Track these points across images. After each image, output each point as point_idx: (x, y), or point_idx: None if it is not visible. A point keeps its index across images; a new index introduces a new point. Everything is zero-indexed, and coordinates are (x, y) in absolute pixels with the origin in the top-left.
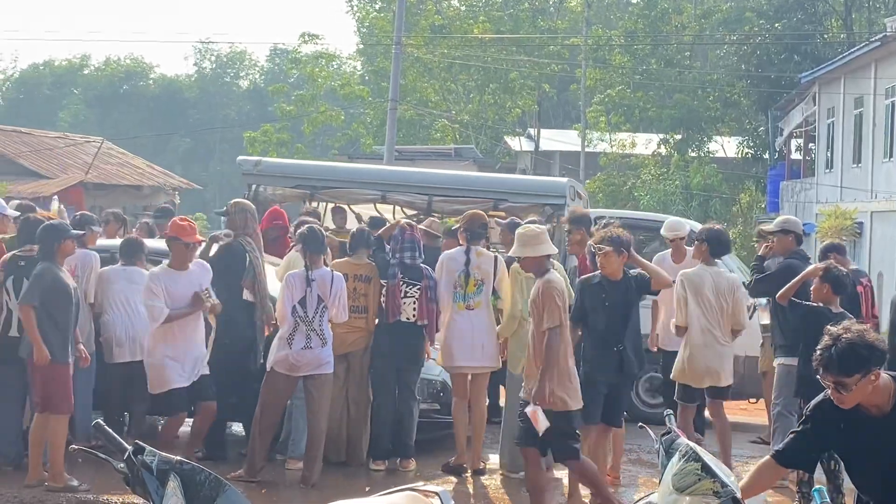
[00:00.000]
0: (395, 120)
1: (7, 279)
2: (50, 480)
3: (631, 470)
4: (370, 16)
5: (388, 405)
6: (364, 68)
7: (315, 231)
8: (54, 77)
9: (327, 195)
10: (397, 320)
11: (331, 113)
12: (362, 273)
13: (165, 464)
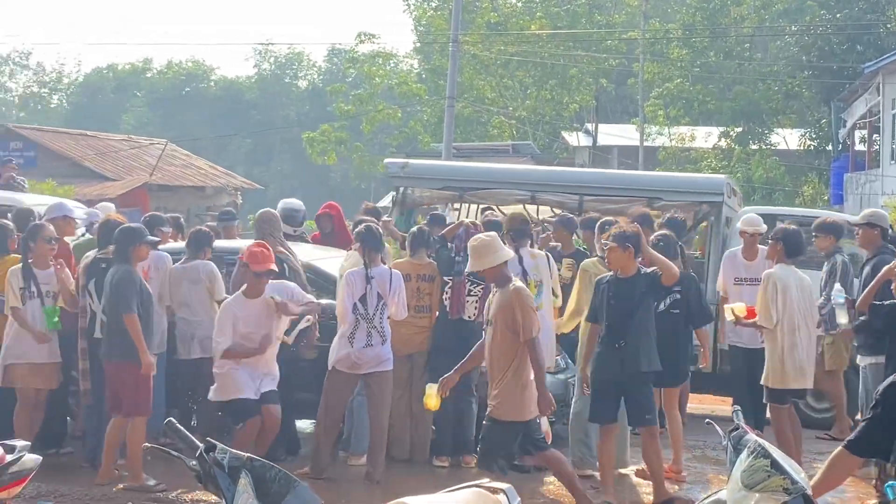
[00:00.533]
0: (452, 117)
1: (89, 281)
2: (129, 480)
3: (696, 466)
4: (427, 14)
5: (448, 402)
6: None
7: (372, 229)
8: (118, 81)
9: (475, 197)
10: (459, 318)
11: (388, 111)
12: (425, 273)
13: (236, 461)
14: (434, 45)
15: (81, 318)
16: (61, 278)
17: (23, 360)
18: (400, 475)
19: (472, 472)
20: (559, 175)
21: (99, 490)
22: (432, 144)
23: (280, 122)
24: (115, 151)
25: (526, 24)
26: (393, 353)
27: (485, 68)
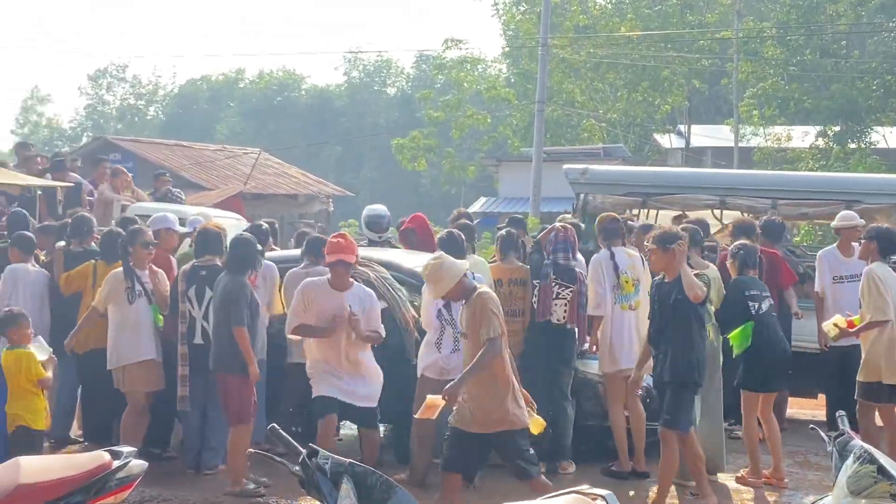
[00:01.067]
0: (542, 121)
1: (189, 288)
2: (231, 485)
3: (798, 472)
4: (515, 19)
5: (542, 407)
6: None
7: (454, 235)
8: (211, 91)
9: (661, 202)
10: (547, 321)
11: (477, 117)
12: (517, 277)
13: (339, 466)
14: (523, 49)
15: (181, 323)
16: (154, 282)
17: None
18: (496, 481)
19: (568, 478)
20: (751, 178)
21: (200, 495)
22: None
23: (369, 129)
24: (210, 161)
25: (616, 25)
26: None
27: (574, 71)
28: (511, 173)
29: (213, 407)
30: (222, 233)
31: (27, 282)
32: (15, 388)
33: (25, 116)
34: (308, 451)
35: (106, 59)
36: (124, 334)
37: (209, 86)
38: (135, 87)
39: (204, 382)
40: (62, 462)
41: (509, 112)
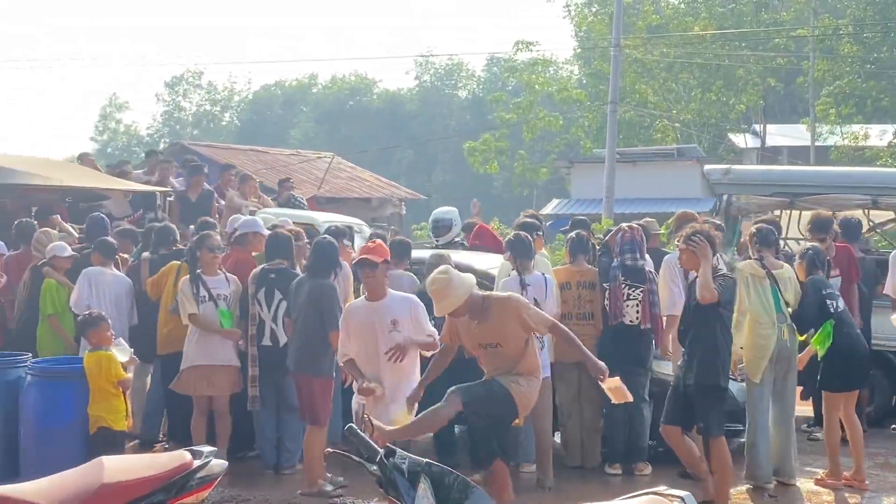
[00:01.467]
0: (615, 122)
1: (259, 291)
2: (307, 486)
3: (879, 475)
4: (587, 20)
5: (618, 409)
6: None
7: (521, 238)
8: (285, 97)
9: (809, 202)
10: (620, 323)
11: (549, 118)
12: (586, 280)
13: (416, 466)
14: (595, 50)
15: (251, 325)
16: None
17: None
18: (572, 482)
19: (645, 479)
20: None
21: (279, 495)
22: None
23: (441, 132)
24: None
25: (689, 24)
26: (562, 358)
27: (647, 71)
28: (583, 175)
29: (286, 408)
30: (292, 237)
31: (104, 285)
32: (96, 389)
33: (104, 124)
34: (385, 450)
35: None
36: (192, 339)
37: (283, 91)
38: (210, 94)
39: (275, 383)
40: (144, 462)
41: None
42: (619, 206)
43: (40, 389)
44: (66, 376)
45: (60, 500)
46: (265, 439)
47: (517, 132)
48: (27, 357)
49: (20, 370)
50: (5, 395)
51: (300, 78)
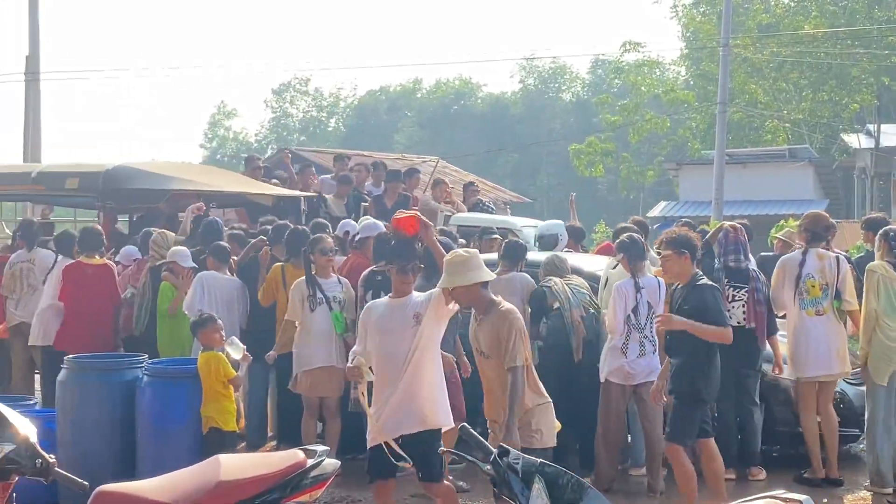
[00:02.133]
0: (724, 123)
1: (367, 293)
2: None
3: None
4: (695, 20)
5: (729, 411)
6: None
7: (636, 239)
8: (389, 102)
9: None
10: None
11: (656, 120)
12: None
13: (530, 466)
14: (703, 51)
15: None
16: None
17: (306, 367)
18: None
19: (759, 484)
20: None
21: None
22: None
23: (545, 135)
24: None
25: (800, 23)
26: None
27: (757, 71)
28: (691, 177)
29: None
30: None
31: (217, 289)
32: (207, 390)
33: (213, 131)
34: (499, 450)
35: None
36: (304, 341)
37: (387, 96)
38: (317, 100)
39: None
40: (259, 460)
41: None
42: (729, 208)
43: (155, 390)
44: (180, 377)
45: (179, 496)
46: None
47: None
48: (143, 358)
49: (137, 371)
50: (122, 395)
51: (404, 83)
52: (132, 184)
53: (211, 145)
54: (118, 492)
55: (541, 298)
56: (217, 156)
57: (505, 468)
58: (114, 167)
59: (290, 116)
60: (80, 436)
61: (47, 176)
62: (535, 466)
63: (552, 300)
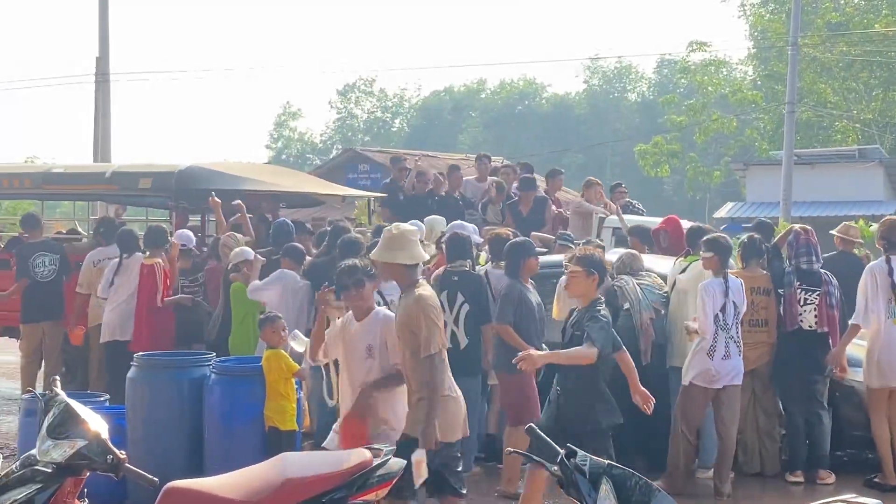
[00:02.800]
0: (793, 123)
1: (442, 293)
2: (504, 485)
3: None
4: (763, 19)
5: (798, 416)
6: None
7: (726, 239)
8: (454, 102)
9: None
10: (798, 328)
11: (723, 120)
12: (760, 286)
13: (597, 467)
14: (771, 50)
15: None
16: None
17: None
18: (751, 490)
19: (828, 488)
20: None
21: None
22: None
23: (610, 135)
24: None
25: (870, 21)
26: None
27: (826, 70)
28: (759, 177)
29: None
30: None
31: (296, 289)
32: (269, 388)
33: (278, 132)
34: (566, 451)
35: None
36: None
37: (451, 97)
38: (381, 101)
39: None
40: (326, 458)
41: (756, 115)
42: (797, 209)
43: (223, 387)
44: (247, 375)
45: (246, 493)
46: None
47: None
48: (211, 356)
49: (204, 368)
50: (191, 392)
51: (468, 83)
52: (204, 184)
53: (276, 146)
54: (187, 488)
55: (611, 298)
56: (282, 156)
57: (572, 469)
58: (187, 167)
59: (354, 117)
60: (149, 433)
61: (121, 176)
62: (603, 468)
63: (622, 300)
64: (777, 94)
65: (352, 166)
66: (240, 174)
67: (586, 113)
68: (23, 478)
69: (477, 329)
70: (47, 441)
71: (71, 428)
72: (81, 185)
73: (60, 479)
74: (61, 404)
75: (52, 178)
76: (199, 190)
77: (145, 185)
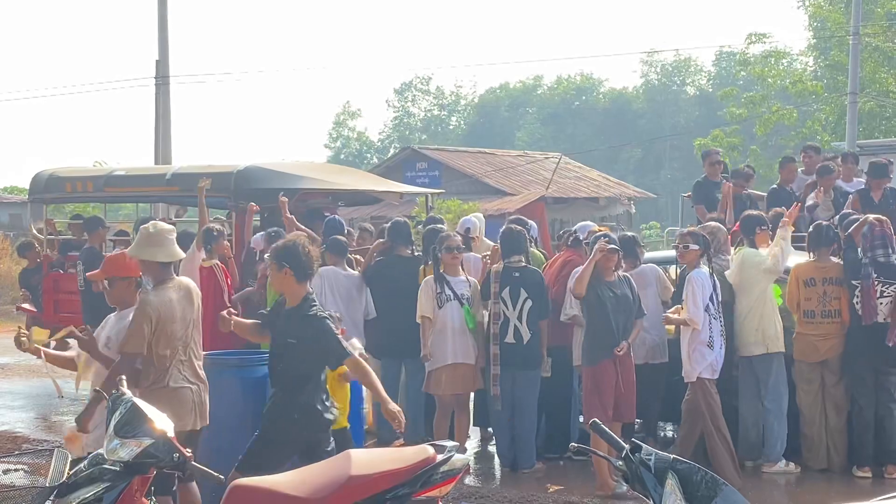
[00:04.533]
0: (855, 113)
1: (503, 289)
2: (597, 489)
3: None
4: (822, 9)
5: (868, 409)
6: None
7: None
8: (510, 99)
9: None
10: (874, 322)
11: (783, 112)
12: (831, 276)
13: (663, 462)
14: (831, 40)
15: (494, 324)
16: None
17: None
18: (817, 484)
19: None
20: None
21: (517, 492)
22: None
23: (669, 129)
24: (512, 167)
25: None
26: (804, 358)
27: (888, 60)
28: None
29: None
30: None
31: (335, 283)
32: None
33: (338, 131)
34: (631, 445)
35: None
36: (434, 338)
37: (507, 94)
38: (438, 99)
39: (513, 381)
40: (389, 455)
41: (818, 106)
42: None
43: None
44: None
45: (312, 491)
46: (500, 437)
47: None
48: None
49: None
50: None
51: (525, 80)
52: (263, 183)
53: (335, 145)
54: (253, 486)
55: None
56: (341, 156)
57: (637, 464)
58: (245, 167)
59: (411, 115)
60: (214, 431)
61: (181, 177)
62: (668, 462)
63: None
64: (838, 85)
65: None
66: (298, 173)
67: (644, 107)
68: (91, 476)
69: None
70: (115, 440)
71: (137, 427)
72: (143, 187)
73: (128, 478)
74: (128, 403)
75: (114, 180)
76: (258, 189)
77: (205, 186)
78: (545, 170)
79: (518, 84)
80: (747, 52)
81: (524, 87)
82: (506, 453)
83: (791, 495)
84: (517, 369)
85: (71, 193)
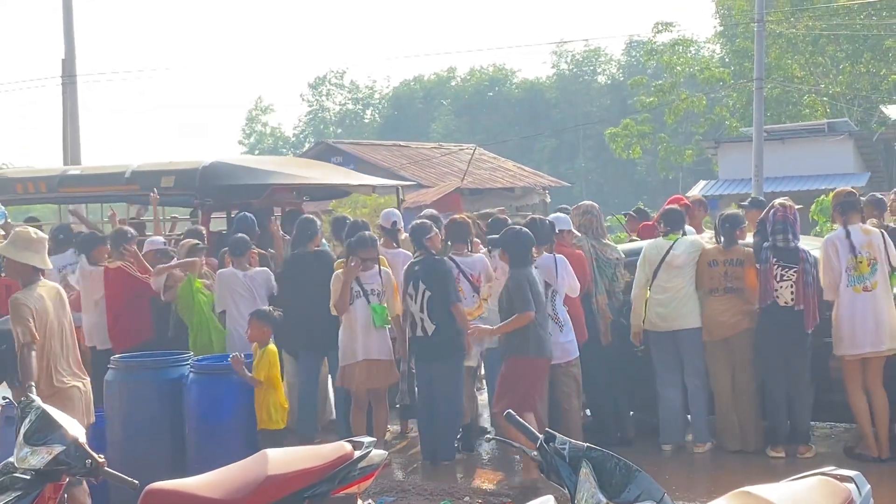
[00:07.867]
0: (761, 99)
1: (408, 285)
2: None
3: None
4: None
5: (778, 391)
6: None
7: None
8: (424, 91)
9: None
10: (774, 304)
11: (692, 99)
12: (733, 258)
13: (577, 451)
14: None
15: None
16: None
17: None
18: (733, 466)
19: (809, 462)
20: None
21: (435, 484)
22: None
23: (581, 119)
24: (427, 159)
25: None
26: (711, 337)
27: (792, 46)
28: (730, 155)
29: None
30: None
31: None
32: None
33: (251, 126)
34: (545, 435)
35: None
36: (345, 334)
37: (422, 86)
38: (353, 93)
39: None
40: (307, 453)
41: (725, 93)
42: (769, 184)
43: (202, 386)
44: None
45: (228, 492)
46: (423, 430)
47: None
48: (189, 355)
49: (183, 368)
50: (169, 393)
51: (438, 72)
52: (230, 179)
53: (249, 141)
54: (168, 489)
55: None
56: (255, 151)
57: (552, 454)
58: (210, 163)
59: (326, 110)
60: (128, 435)
61: (141, 175)
62: (582, 451)
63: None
64: (745, 72)
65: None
66: (266, 168)
67: (556, 97)
68: (2, 486)
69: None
70: (25, 448)
71: (48, 434)
72: (102, 186)
73: (40, 486)
74: (38, 410)
75: (69, 180)
76: (224, 186)
77: (168, 184)
78: (460, 161)
79: (432, 76)
80: (655, 41)
81: (438, 80)
82: (427, 446)
83: (706, 476)
84: (429, 361)
85: (22, 195)
